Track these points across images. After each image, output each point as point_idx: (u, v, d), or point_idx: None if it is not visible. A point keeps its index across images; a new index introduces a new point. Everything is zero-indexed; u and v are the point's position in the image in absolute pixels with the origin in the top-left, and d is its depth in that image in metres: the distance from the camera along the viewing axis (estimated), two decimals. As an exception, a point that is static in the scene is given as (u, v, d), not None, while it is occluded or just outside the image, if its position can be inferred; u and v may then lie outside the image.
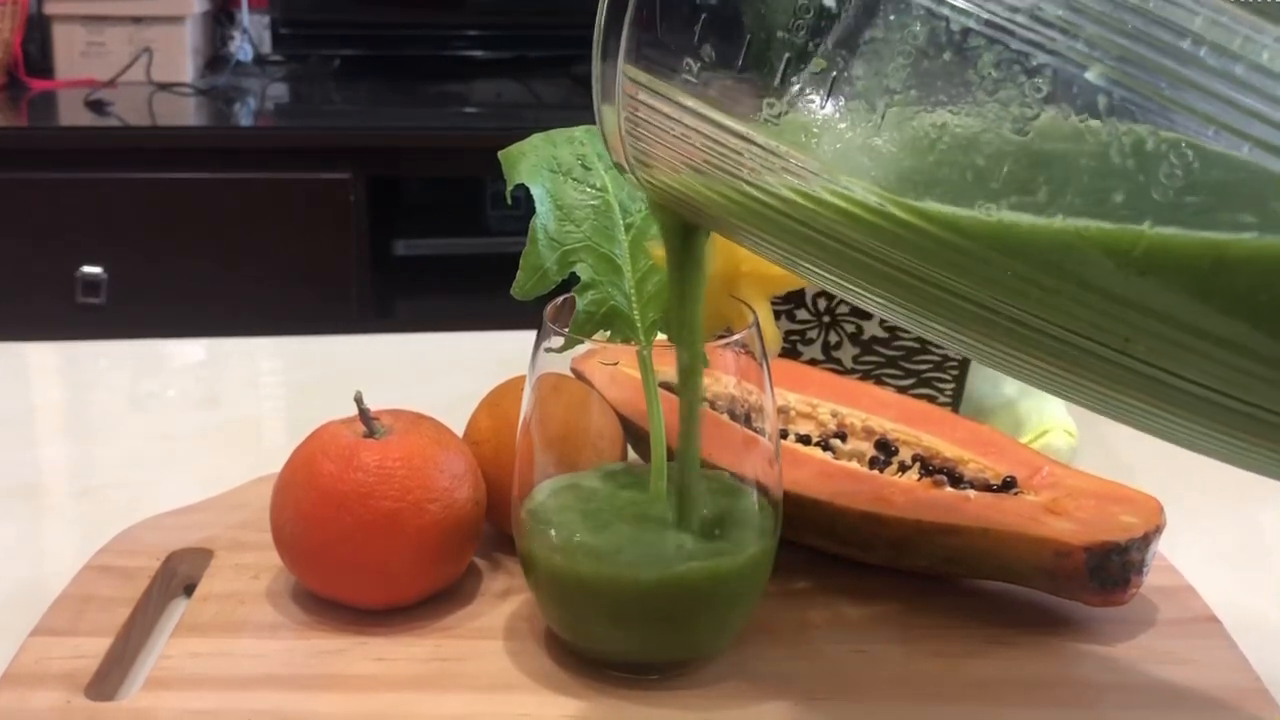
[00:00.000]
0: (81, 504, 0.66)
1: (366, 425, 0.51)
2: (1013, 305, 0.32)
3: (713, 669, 0.48)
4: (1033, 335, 0.33)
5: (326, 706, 0.46)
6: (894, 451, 0.56)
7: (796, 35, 0.33)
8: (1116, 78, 0.29)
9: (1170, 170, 0.29)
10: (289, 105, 2.07)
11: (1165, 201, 0.29)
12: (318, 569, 0.51)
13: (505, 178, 0.47)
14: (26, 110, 1.93)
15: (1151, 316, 0.30)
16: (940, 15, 0.31)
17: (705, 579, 0.45)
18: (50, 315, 1.70)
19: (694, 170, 0.37)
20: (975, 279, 0.32)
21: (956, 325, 0.35)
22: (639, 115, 0.36)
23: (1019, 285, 0.31)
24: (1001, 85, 0.31)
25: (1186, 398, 0.31)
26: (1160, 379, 0.31)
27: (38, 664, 0.48)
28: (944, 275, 0.33)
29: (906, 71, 0.32)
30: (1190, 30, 0.29)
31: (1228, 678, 0.48)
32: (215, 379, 0.87)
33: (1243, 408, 0.30)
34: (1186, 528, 0.54)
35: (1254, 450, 0.32)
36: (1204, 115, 0.29)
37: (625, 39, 0.35)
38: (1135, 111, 0.29)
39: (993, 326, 0.33)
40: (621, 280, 0.47)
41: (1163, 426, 0.33)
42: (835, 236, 0.34)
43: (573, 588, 0.46)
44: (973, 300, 0.33)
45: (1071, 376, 0.34)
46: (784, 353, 0.66)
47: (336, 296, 1.77)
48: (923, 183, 0.32)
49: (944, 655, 0.49)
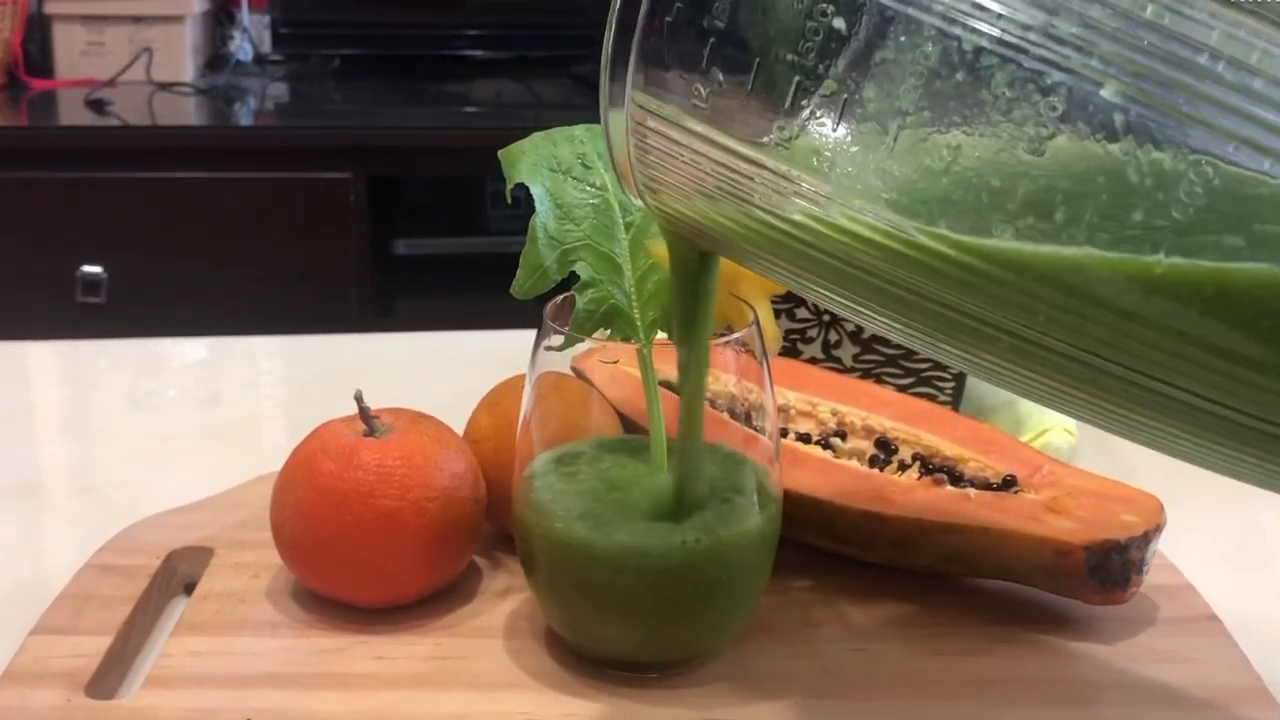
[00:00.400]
0: (82, 503, 0.66)
1: (367, 424, 0.51)
2: (1021, 324, 0.32)
3: (713, 668, 0.48)
4: (1039, 352, 0.32)
5: (326, 705, 0.46)
6: (894, 450, 0.56)
7: (806, 57, 0.33)
8: (1133, 94, 0.29)
9: (1190, 188, 0.29)
10: (289, 105, 2.07)
11: (1186, 221, 0.29)
12: (318, 567, 0.51)
13: (505, 177, 0.47)
14: (26, 110, 1.93)
15: (1170, 335, 0.30)
16: (952, 35, 0.31)
17: (707, 558, 0.45)
18: (50, 315, 1.70)
19: (705, 196, 0.36)
20: (986, 299, 0.32)
21: (966, 345, 0.34)
22: (648, 142, 0.36)
23: (1029, 304, 0.31)
24: (1015, 105, 0.30)
25: (1200, 414, 0.31)
26: (1169, 394, 0.31)
27: (38, 663, 0.47)
28: (955, 296, 0.32)
29: (919, 93, 0.32)
30: (1207, 45, 0.29)
31: (1228, 677, 0.48)
32: (215, 378, 0.87)
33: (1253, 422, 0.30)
34: (1187, 526, 0.54)
35: (1261, 465, 0.32)
36: (1223, 131, 0.28)
37: (633, 66, 0.35)
38: (1153, 128, 0.29)
39: (997, 344, 0.33)
40: (621, 279, 0.47)
41: (1171, 442, 0.33)
42: (847, 260, 0.34)
43: (573, 580, 0.46)
44: (982, 320, 0.32)
45: (1081, 394, 0.33)
46: (784, 351, 0.66)
47: (336, 296, 1.77)
48: (937, 205, 0.32)
49: (944, 654, 0.49)
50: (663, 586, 0.46)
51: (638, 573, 0.45)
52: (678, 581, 0.45)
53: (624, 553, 0.45)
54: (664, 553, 0.45)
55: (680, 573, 0.45)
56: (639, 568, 0.45)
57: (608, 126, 0.36)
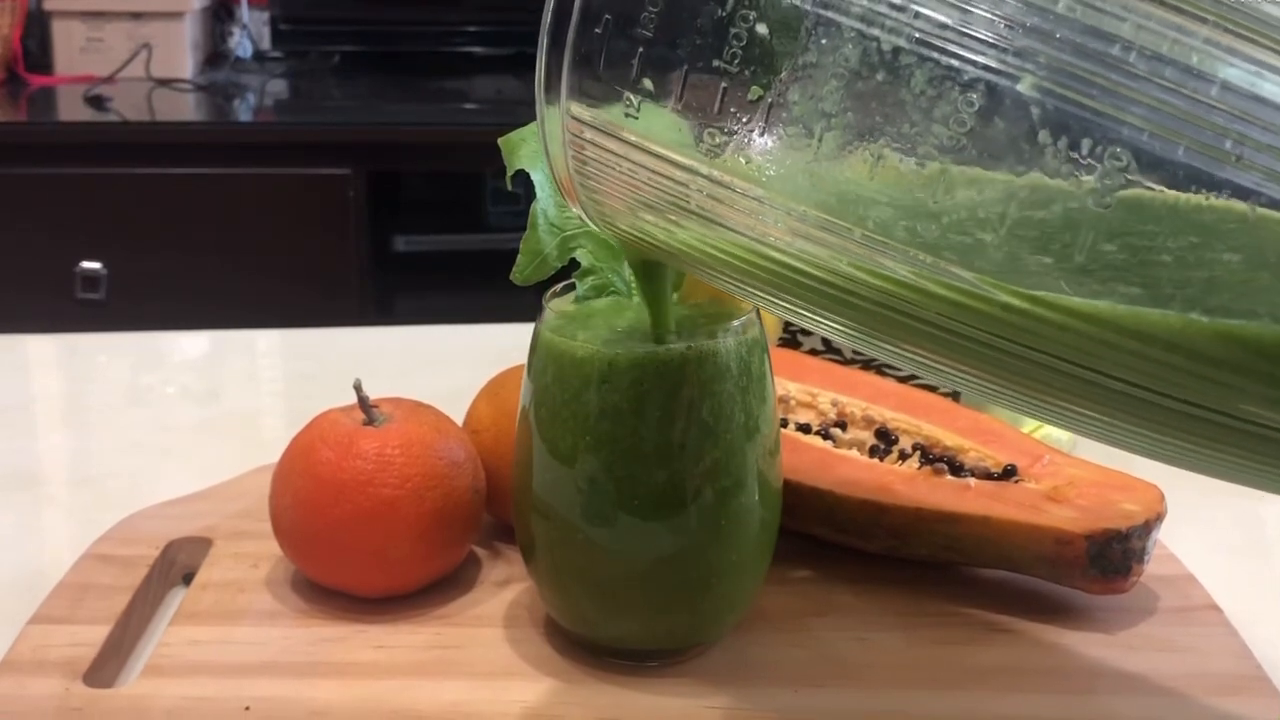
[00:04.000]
0: (81, 494, 0.66)
1: (366, 413, 0.51)
2: (961, 322, 0.32)
3: (712, 656, 0.48)
4: (963, 344, 0.33)
5: (325, 694, 0.46)
6: (894, 440, 0.56)
7: (731, 64, 0.33)
8: (1049, 87, 0.30)
9: (1110, 176, 0.29)
10: (288, 101, 2.07)
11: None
12: (317, 557, 0.51)
13: (505, 163, 0.47)
14: (26, 106, 1.93)
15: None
16: (871, 36, 0.32)
17: (706, 538, 0.45)
18: (50, 311, 1.70)
19: (646, 206, 0.37)
20: (930, 301, 0.32)
21: (917, 347, 0.35)
22: (586, 154, 0.37)
23: (964, 301, 0.32)
24: (935, 103, 0.31)
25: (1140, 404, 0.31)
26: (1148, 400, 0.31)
27: (36, 651, 0.47)
28: (886, 286, 0.33)
29: (841, 94, 0.32)
30: (1120, 36, 0.29)
31: (1229, 666, 0.48)
32: (214, 371, 0.87)
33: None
34: (1187, 516, 0.54)
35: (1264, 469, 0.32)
36: (1138, 121, 0.29)
37: (565, 78, 0.35)
38: (1070, 122, 0.29)
39: (936, 341, 0.34)
40: (621, 266, 0.47)
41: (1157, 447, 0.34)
42: (785, 264, 0.35)
43: (573, 568, 0.46)
44: (925, 320, 0.33)
45: (1030, 391, 0.34)
46: (784, 342, 0.66)
47: (336, 292, 1.77)
48: (866, 201, 0.32)
49: (944, 643, 0.49)
50: (663, 575, 0.45)
51: (638, 560, 0.45)
52: (678, 570, 0.45)
53: (625, 540, 0.45)
54: (664, 555, 0.45)
55: (680, 561, 0.45)
56: (639, 555, 0.45)
57: (545, 141, 0.37)
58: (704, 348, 0.44)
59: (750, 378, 0.45)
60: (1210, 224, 0.29)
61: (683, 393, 0.44)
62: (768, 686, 0.46)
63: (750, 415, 0.45)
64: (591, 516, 0.45)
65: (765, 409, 0.46)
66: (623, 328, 0.46)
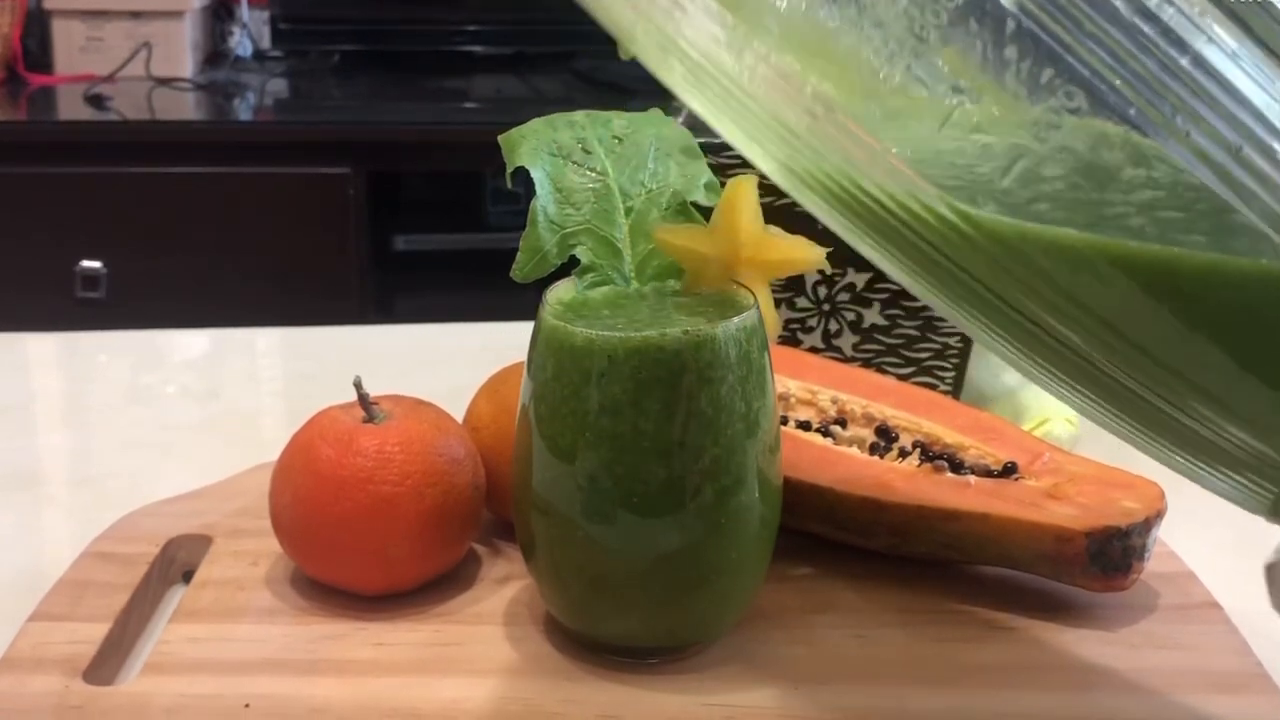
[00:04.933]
0: (80, 492, 0.66)
1: (366, 410, 0.51)
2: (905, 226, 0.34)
3: (712, 654, 0.48)
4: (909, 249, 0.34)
5: (325, 691, 0.45)
6: (894, 437, 0.55)
7: None
8: (1031, 9, 0.30)
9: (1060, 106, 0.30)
10: (288, 100, 2.07)
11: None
12: (316, 554, 0.51)
13: (505, 161, 0.47)
14: (26, 105, 1.93)
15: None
16: None
17: (707, 536, 0.45)
18: (50, 310, 1.70)
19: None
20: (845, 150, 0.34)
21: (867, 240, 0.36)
22: None
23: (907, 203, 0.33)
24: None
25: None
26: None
27: (36, 649, 0.47)
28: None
29: None
30: None
31: (1229, 663, 0.48)
32: (214, 370, 0.87)
33: None
34: (1188, 514, 0.54)
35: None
36: (1101, 67, 0.29)
37: None
38: (1039, 47, 0.30)
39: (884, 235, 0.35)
40: (621, 263, 0.47)
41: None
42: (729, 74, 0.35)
43: (573, 565, 0.46)
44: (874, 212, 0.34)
45: (1003, 336, 0.35)
46: (784, 341, 0.66)
47: (336, 292, 1.77)
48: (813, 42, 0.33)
49: (944, 641, 0.49)
50: (663, 573, 0.45)
51: (638, 558, 0.45)
52: (678, 567, 0.45)
53: (624, 537, 0.45)
54: (664, 528, 0.45)
55: (680, 558, 0.45)
56: (639, 553, 0.45)
57: None
58: (703, 333, 0.44)
59: (750, 368, 0.45)
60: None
61: (682, 380, 0.43)
62: (768, 684, 0.46)
63: (750, 408, 0.45)
64: (591, 514, 0.45)
65: (765, 403, 0.46)
66: (622, 316, 0.46)
